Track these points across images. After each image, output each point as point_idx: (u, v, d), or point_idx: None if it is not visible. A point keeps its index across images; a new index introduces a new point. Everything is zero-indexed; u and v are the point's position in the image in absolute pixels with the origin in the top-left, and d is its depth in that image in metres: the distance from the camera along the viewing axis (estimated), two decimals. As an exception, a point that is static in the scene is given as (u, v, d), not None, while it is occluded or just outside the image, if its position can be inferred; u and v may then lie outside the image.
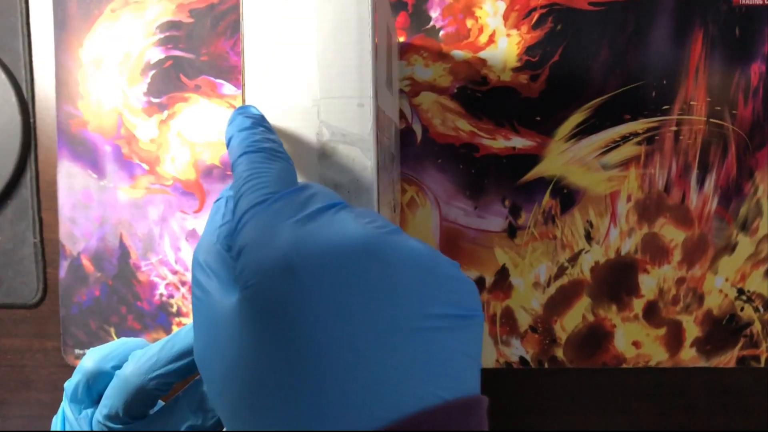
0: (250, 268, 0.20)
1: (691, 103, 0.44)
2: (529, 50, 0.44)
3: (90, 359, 0.33)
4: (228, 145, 0.26)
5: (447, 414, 0.19)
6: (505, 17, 0.44)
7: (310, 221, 0.21)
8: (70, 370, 0.47)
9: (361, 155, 0.27)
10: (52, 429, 0.33)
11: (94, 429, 0.32)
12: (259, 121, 0.26)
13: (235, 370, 0.20)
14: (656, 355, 0.45)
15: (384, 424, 0.18)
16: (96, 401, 0.33)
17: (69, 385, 0.33)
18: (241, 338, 0.20)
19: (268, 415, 0.19)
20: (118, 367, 0.32)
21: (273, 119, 0.27)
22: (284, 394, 0.19)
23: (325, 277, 0.19)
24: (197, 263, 0.23)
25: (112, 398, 0.31)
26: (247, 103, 0.28)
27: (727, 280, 0.45)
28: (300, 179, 0.27)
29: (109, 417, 0.31)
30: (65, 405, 0.33)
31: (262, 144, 0.25)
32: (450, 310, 0.20)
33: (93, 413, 0.33)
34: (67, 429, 0.33)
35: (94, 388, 0.33)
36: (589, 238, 0.45)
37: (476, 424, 0.20)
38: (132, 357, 0.32)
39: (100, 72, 0.46)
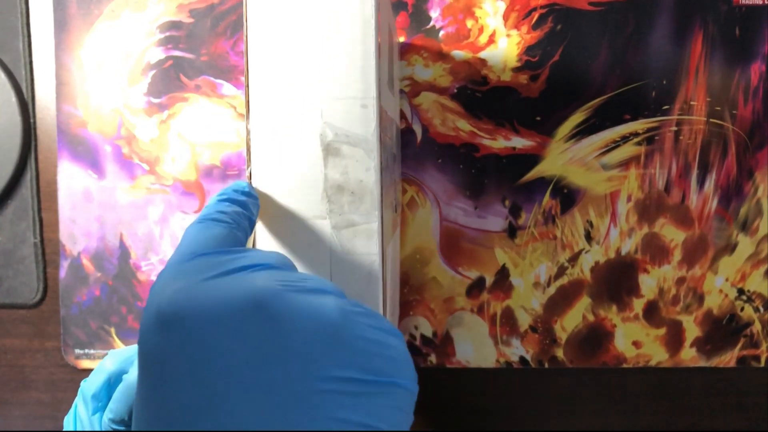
0: (140, 324, 0.20)
1: (691, 103, 0.44)
2: (529, 50, 0.44)
3: (111, 360, 0.34)
4: None
5: None
6: (505, 17, 0.44)
7: (216, 278, 0.20)
8: (70, 370, 0.47)
9: (364, 156, 0.27)
10: (65, 428, 0.34)
11: (104, 429, 0.32)
12: (233, 195, 0.26)
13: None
14: (656, 355, 0.45)
15: None
16: None
17: (88, 384, 0.34)
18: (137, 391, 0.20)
19: None
20: None
21: (276, 120, 0.27)
22: None
23: (203, 332, 0.18)
24: None
25: (117, 402, 0.31)
26: (251, 105, 0.28)
27: (727, 280, 0.45)
28: (303, 180, 0.27)
29: (114, 421, 0.32)
30: (78, 404, 0.34)
31: (212, 215, 0.24)
32: (355, 374, 0.19)
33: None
34: (78, 428, 0.33)
35: (114, 389, 0.34)
36: (589, 238, 0.45)
37: None
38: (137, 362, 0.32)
39: (100, 72, 0.45)
